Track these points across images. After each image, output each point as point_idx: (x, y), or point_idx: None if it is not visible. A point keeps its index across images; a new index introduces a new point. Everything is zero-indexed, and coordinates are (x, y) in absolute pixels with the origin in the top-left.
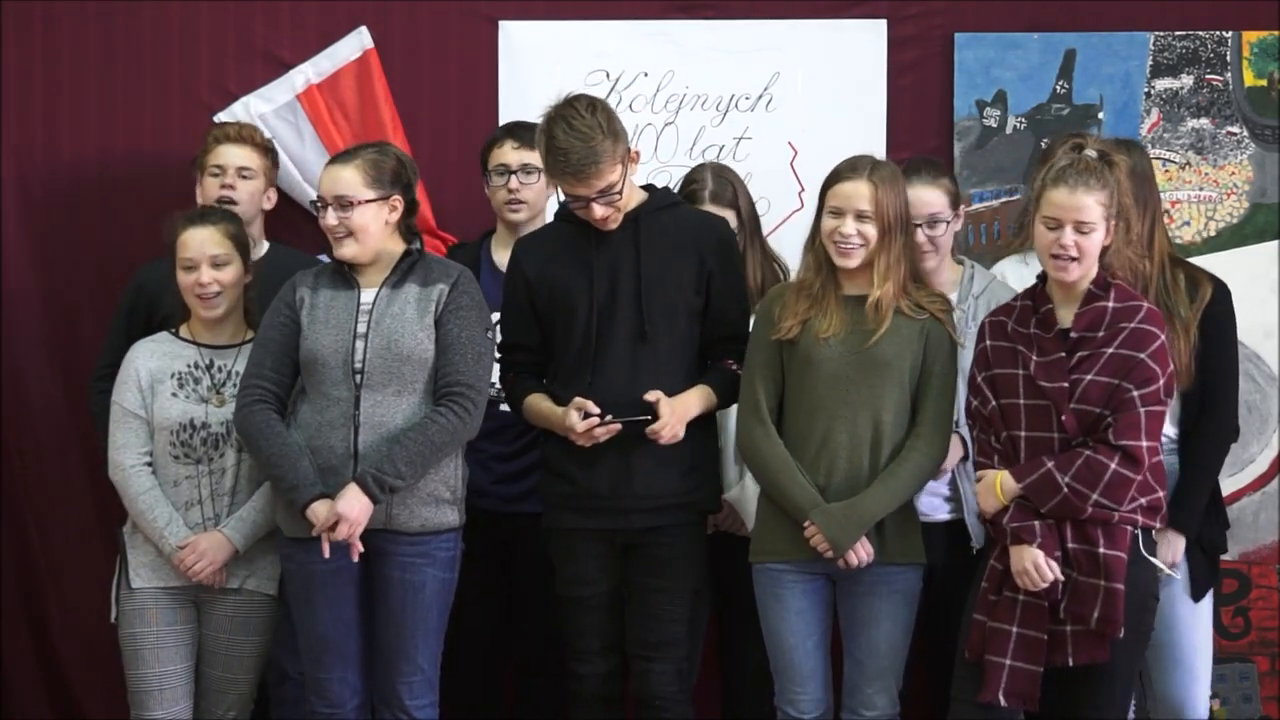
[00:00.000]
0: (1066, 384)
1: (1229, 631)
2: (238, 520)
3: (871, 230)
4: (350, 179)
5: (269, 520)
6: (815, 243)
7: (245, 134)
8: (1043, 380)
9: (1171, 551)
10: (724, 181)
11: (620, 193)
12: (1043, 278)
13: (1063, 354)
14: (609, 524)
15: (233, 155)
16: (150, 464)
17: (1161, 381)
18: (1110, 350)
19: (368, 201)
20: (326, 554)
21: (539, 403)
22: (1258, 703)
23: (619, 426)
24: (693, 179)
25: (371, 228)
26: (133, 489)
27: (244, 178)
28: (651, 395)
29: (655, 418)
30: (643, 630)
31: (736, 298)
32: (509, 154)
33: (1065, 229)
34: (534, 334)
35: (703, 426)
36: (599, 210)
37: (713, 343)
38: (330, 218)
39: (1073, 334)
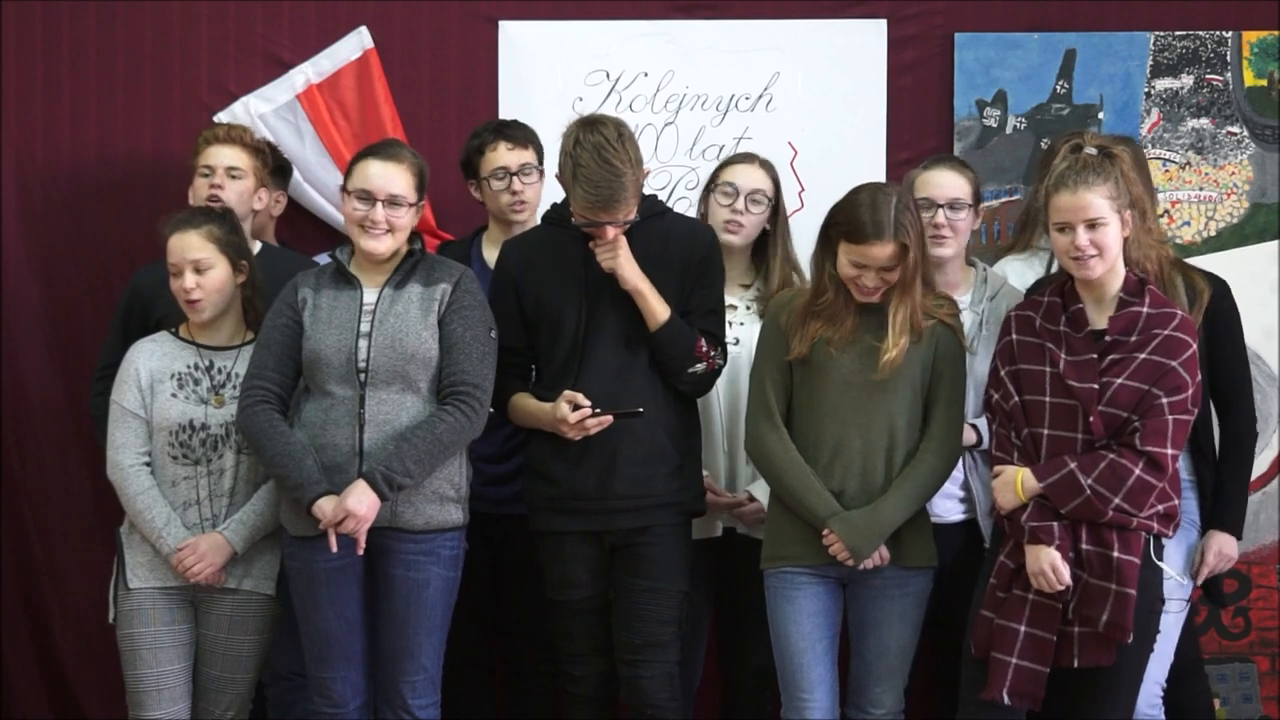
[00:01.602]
0: (1096, 385)
1: (1229, 631)
2: (237, 522)
3: (894, 275)
4: (405, 181)
5: (268, 522)
6: (828, 266)
7: (235, 134)
8: (1073, 380)
9: (1228, 551)
10: (769, 163)
11: (635, 217)
12: (1068, 275)
13: (1094, 355)
14: (596, 525)
15: (221, 155)
16: (149, 464)
17: (1190, 390)
18: (1143, 356)
19: (412, 205)
20: (335, 548)
21: (525, 401)
22: (1258, 703)
23: (610, 419)
24: (733, 153)
25: (409, 230)
26: (131, 488)
27: (233, 178)
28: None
29: (643, 412)
30: (629, 632)
31: (713, 303)
32: (505, 156)
33: (1077, 230)
34: (520, 337)
35: (688, 427)
36: (612, 232)
37: None
38: (378, 212)
39: (1107, 337)
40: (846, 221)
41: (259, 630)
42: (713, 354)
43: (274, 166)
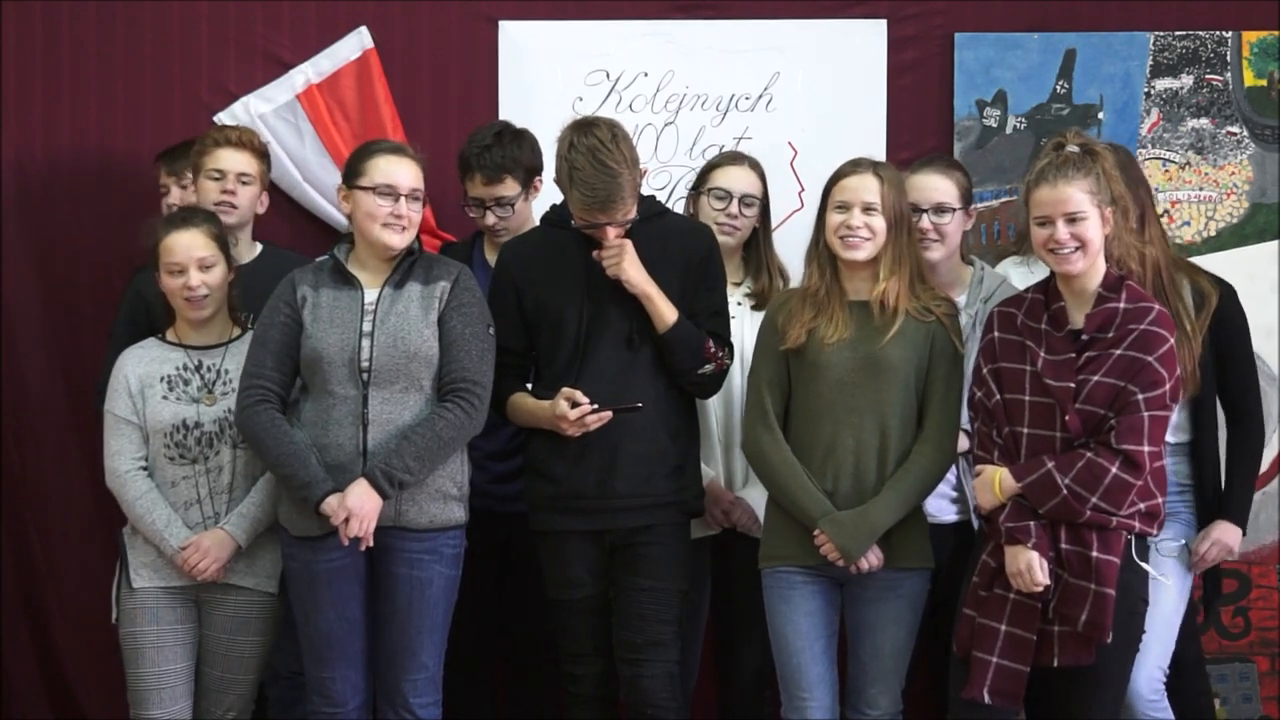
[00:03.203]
0: (1073, 384)
1: (1229, 631)
2: (238, 516)
3: (879, 223)
4: (419, 176)
5: (269, 514)
6: (819, 247)
7: (245, 139)
8: (1050, 378)
9: (1228, 540)
10: (757, 163)
11: (634, 217)
12: (1051, 273)
13: (1072, 354)
14: (596, 525)
15: (234, 160)
16: (146, 468)
17: (1168, 386)
18: (1118, 352)
19: (422, 199)
20: (346, 543)
21: (524, 400)
22: (1258, 703)
23: (610, 414)
24: (723, 151)
25: (418, 225)
26: (130, 494)
27: (244, 184)
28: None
29: (642, 407)
30: (630, 631)
31: (718, 305)
32: (480, 189)
33: (1057, 224)
34: (520, 338)
35: (688, 427)
36: (613, 234)
37: None
38: (403, 206)
39: (1084, 335)
40: (831, 176)
41: (261, 631)
42: (720, 354)
43: None
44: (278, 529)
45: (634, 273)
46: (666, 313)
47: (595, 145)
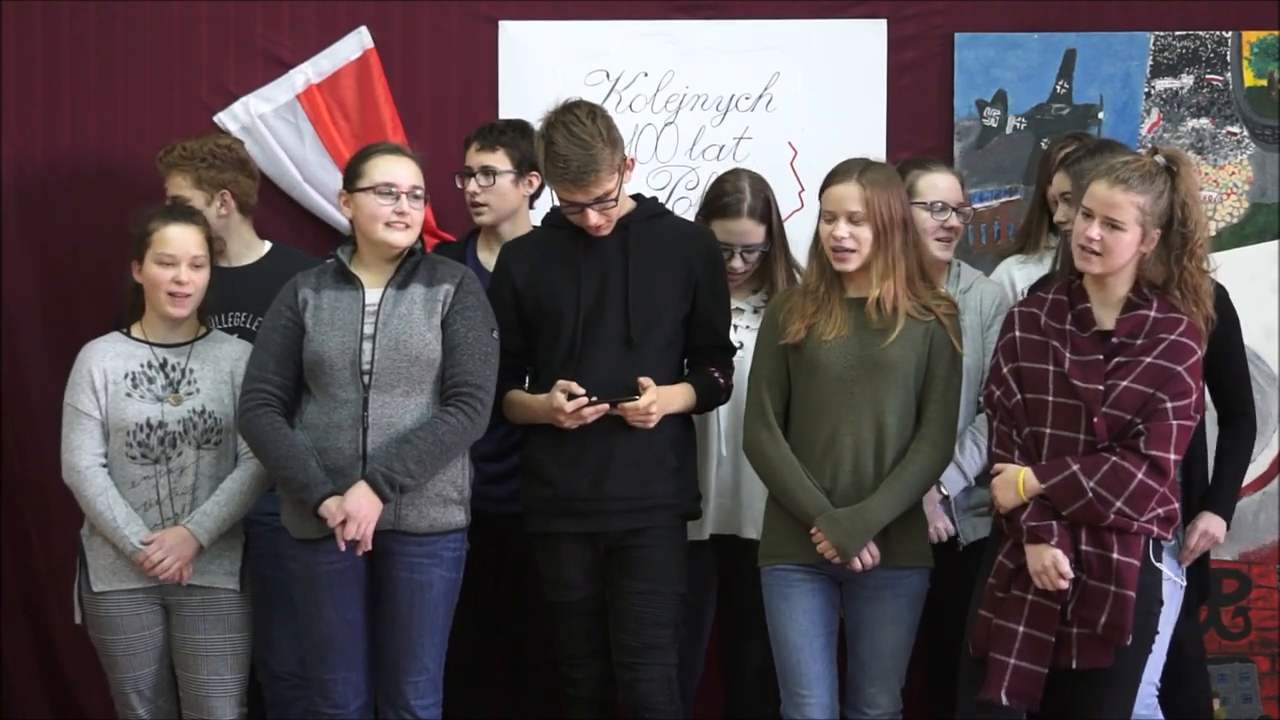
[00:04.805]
0: (1102, 387)
1: (1229, 631)
2: (201, 514)
3: (865, 232)
4: (419, 174)
5: (233, 514)
6: (818, 246)
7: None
8: (1078, 380)
9: (1215, 531)
10: (760, 195)
11: (616, 200)
12: (1078, 275)
13: (1100, 356)
14: (591, 527)
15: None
16: (105, 465)
17: (1194, 396)
18: (1149, 359)
19: (423, 198)
20: (343, 548)
21: (521, 396)
22: (1258, 703)
23: (607, 407)
24: (729, 189)
25: (420, 224)
26: (89, 490)
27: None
28: (645, 381)
29: (640, 399)
30: (626, 635)
31: (721, 308)
32: (472, 155)
33: (1095, 221)
34: (518, 339)
35: (685, 430)
36: (594, 217)
37: (696, 351)
38: (404, 204)
39: (1114, 339)
40: (823, 180)
41: (234, 627)
42: (729, 381)
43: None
44: (240, 525)
45: (657, 417)
46: (691, 400)
47: (571, 120)
